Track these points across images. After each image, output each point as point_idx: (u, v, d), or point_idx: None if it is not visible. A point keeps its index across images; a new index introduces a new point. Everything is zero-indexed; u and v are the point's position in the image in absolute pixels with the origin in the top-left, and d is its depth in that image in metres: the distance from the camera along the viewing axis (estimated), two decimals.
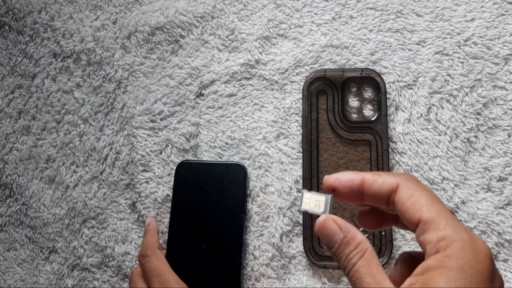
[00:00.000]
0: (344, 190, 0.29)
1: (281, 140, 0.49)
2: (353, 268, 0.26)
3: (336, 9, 0.50)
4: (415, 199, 0.26)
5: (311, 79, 0.48)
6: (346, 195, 0.29)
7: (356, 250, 0.26)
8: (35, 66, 0.54)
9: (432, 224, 0.25)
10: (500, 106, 0.47)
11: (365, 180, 0.28)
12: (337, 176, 0.29)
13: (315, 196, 0.29)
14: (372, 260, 0.26)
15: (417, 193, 0.26)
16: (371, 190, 0.28)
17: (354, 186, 0.28)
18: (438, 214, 0.25)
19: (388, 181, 0.27)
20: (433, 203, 0.26)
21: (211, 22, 0.51)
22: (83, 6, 0.54)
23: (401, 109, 0.48)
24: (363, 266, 0.26)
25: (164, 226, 0.48)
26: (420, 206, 0.26)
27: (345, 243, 0.27)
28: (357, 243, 0.27)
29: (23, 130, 0.53)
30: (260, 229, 0.47)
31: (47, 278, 0.51)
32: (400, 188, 0.27)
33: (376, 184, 0.28)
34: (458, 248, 0.24)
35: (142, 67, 0.52)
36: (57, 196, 0.51)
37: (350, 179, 0.28)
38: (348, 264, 0.27)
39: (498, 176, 0.46)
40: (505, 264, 0.45)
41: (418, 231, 0.26)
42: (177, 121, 0.50)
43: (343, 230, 0.27)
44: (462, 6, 0.49)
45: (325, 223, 0.28)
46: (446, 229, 0.25)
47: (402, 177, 0.28)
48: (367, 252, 0.26)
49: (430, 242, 0.25)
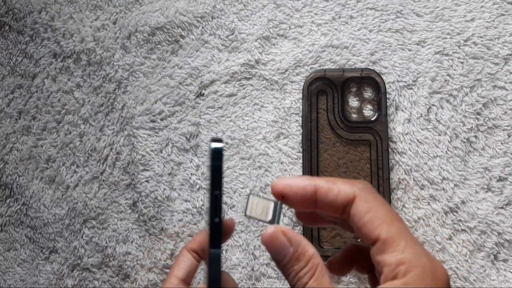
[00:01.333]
0: (295, 198, 0.26)
1: (281, 140, 0.49)
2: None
3: (336, 9, 0.50)
4: (373, 214, 0.25)
5: (311, 79, 0.48)
6: (297, 203, 0.27)
7: (307, 268, 0.25)
8: (35, 66, 0.54)
9: (392, 245, 0.24)
10: (500, 106, 0.47)
11: (318, 188, 0.26)
12: (288, 182, 0.26)
13: (263, 202, 0.27)
14: (323, 278, 0.25)
15: (376, 207, 0.25)
16: (325, 200, 0.26)
17: (306, 194, 0.26)
18: (397, 234, 0.24)
19: (344, 191, 0.25)
20: (393, 220, 0.24)
21: (211, 22, 0.51)
22: (83, 6, 0.54)
23: (401, 109, 0.48)
24: (314, 286, 0.24)
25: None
26: (379, 223, 0.24)
27: (295, 258, 0.25)
28: (307, 258, 0.25)
29: (23, 130, 0.53)
30: (260, 229, 0.47)
31: (47, 278, 0.51)
32: (357, 200, 0.25)
33: (331, 194, 0.26)
34: (418, 276, 0.23)
35: (142, 67, 0.52)
36: (58, 196, 0.51)
37: (302, 186, 0.26)
38: (298, 283, 0.25)
39: (498, 176, 0.46)
40: (505, 264, 0.45)
41: (375, 249, 0.24)
42: (177, 121, 0.50)
43: (293, 244, 0.25)
44: (462, 6, 0.49)
45: (274, 235, 0.25)
46: (406, 252, 0.23)
47: (359, 186, 0.26)
48: (318, 270, 0.25)
49: (389, 265, 0.24)
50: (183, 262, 0.34)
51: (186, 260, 0.35)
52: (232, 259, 0.47)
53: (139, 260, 0.49)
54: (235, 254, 0.48)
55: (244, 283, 0.47)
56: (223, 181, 0.26)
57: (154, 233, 0.49)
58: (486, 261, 0.45)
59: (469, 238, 0.45)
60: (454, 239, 0.45)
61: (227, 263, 0.47)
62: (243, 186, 0.48)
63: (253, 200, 0.27)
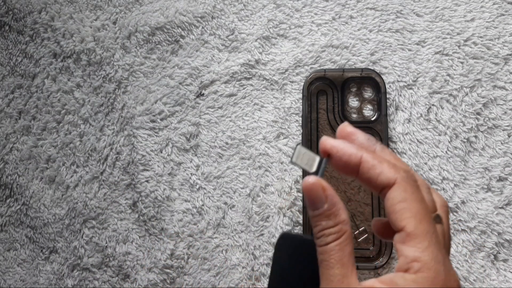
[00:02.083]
0: (339, 161, 0.27)
1: (281, 140, 0.49)
2: (325, 247, 0.25)
3: (336, 9, 0.50)
4: (406, 205, 0.25)
5: (311, 79, 0.48)
6: (339, 167, 0.27)
7: (334, 229, 0.25)
8: (35, 66, 0.54)
9: (414, 240, 0.24)
10: (500, 106, 0.47)
11: (363, 161, 0.26)
12: (336, 144, 0.27)
13: (309, 154, 0.28)
14: (346, 247, 0.25)
15: (411, 201, 0.25)
16: (366, 175, 0.26)
17: (350, 162, 0.26)
18: (423, 234, 0.24)
19: (386, 174, 0.26)
20: (423, 220, 0.25)
21: (211, 22, 0.51)
22: (83, 6, 0.54)
23: (401, 109, 0.48)
24: (335, 250, 0.25)
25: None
26: (409, 216, 0.25)
27: (326, 215, 0.26)
28: (338, 221, 0.25)
29: (23, 130, 0.53)
30: (260, 229, 0.47)
31: (47, 278, 0.51)
32: (395, 187, 0.25)
33: (373, 172, 0.26)
34: (429, 279, 0.23)
35: (142, 67, 0.52)
36: (58, 196, 0.51)
37: (348, 153, 0.26)
38: (321, 239, 0.25)
39: (498, 176, 0.46)
40: (505, 264, 0.45)
41: (399, 237, 0.25)
42: (177, 121, 0.50)
43: (328, 202, 0.26)
44: (462, 6, 0.49)
45: (314, 186, 0.26)
46: (425, 252, 0.24)
47: (402, 175, 0.26)
48: (344, 236, 0.25)
49: (405, 256, 0.24)
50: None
51: None
52: (232, 259, 0.47)
53: (139, 260, 0.49)
54: (235, 254, 0.48)
55: (244, 283, 0.47)
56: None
57: (154, 233, 0.49)
58: (486, 261, 0.45)
59: (469, 238, 0.45)
60: (454, 239, 0.45)
61: (227, 263, 0.47)
62: (243, 186, 0.48)
63: (300, 150, 0.28)
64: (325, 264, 0.25)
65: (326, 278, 0.25)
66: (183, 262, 0.48)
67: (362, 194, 0.47)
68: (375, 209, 0.46)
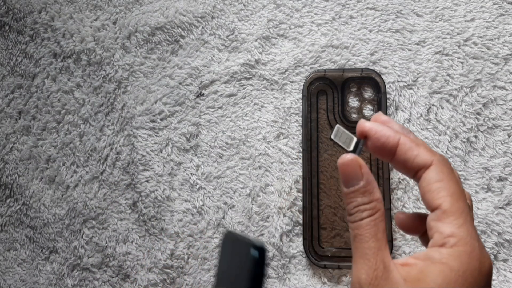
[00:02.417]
0: (376, 143, 0.27)
1: (281, 140, 0.49)
2: (360, 222, 0.25)
3: (336, 9, 0.50)
4: (443, 185, 0.25)
5: (311, 79, 0.48)
6: (377, 148, 0.27)
7: (369, 206, 0.26)
8: (35, 66, 0.54)
9: (450, 217, 0.24)
10: (500, 106, 0.47)
11: (401, 143, 0.27)
12: (375, 126, 0.27)
13: (347, 134, 0.28)
14: (380, 223, 0.25)
15: (448, 181, 0.25)
16: (403, 156, 0.26)
17: (387, 144, 0.27)
18: (460, 211, 0.25)
19: (423, 156, 0.26)
20: (459, 199, 0.25)
21: (211, 22, 0.51)
22: (83, 6, 0.54)
23: (401, 109, 0.48)
24: (370, 225, 0.25)
25: None
26: (445, 195, 0.25)
27: (361, 191, 0.26)
28: (372, 198, 0.26)
29: (23, 130, 0.53)
30: (260, 229, 0.47)
31: (47, 278, 0.51)
32: (432, 167, 0.26)
33: (411, 153, 0.26)
34: (465, 253, 0.23)
35: (142, 67, 0.52)
36: (58, 196, 0.51)
37: (386, 135, 0.27)
38: (355, 214, 0.26)
39: (498, 176, 0.46)
40: (505, 264, 0.45)
41: (433, 215, 0.25)
42: (177, 121, 0.50)
43: (364, 179, 0.26)
44: (462, 6, 0.49)
45: (351, 162, 0.26)
46: (461, 228, 0.24)
47: (438, 157, 0.26)
48: (378, 213, 0.25)
49: (440, 232, 0.24)
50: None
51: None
52: None
53: (139, 260, 0.49)
54: None
55: None
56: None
57: (154, 233, 0.49)
58: None
59: None
60: None
61: None
62: (243, 186, 0.48)
63: (339, 129, 0.28)
64: (359, 238, 0.25)
65: (361, 251, 0.25)
66: (183, 262, 0.48)
67: None
68: None
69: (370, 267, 0.24)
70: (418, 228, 0.29)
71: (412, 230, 0.29)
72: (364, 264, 0.24)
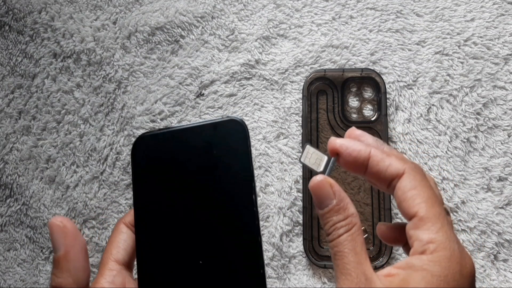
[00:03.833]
0: (348, 158, 0.27)
1: (281, 140, 0.49)
2: (338, 239, 0.26)
3: (336, 9, 0.50)
4: (417, 192, 0.26)
5: (311, 79, 0.48)
6: (348, 164, 0.28)
7: (345, 222, 0.26)
8: (35, 66, 0.54)
9: (427, 224, 0.25)
10: (500, 106, 0.47)
11: (372, 155, 0.27)
12: (345, 142, 0.28)
13: (317, 154, 0.28)
14: (358, 237, 0.26)
15: (421, 188, 0.26)
16: (375, 168, 0.27)
17: (359, 158, 0.27)
18: (436, 216, 0.25)
19: (395, 166, 0.26)
20: (434, 204, 0.25)
21: (211, 22, 0.51)
22: (83, 6, 0.54)
23: (401, 109, 0.48)
24: (347, 240, 0.25)
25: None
26: (420, 202, 0.25)
27: (335, 210, 0.26)
28: (347, 214, 0.26)
29: (23, 130, 0.53)
30: (260, 229, 0.47)
31: (47, 278, 0.51)
32: (405, 176, 0.26)
33: (383, 164, 0.27)
34: (445, 257, 0.24)
35: (142, 67, 0.52)
36: (57, 196, 0.51)
37: (357, 149, 0.27)
38: (333, 233, 0.26)
39: (498, 176, 0.46)
40: (505, 264, 0.45)
41: (411, 224, 0.25)
42: (178, 121, 0.50)
43: (336, 197, 0.26)
44: (462, 6, 0.49)
45: (321, 184, 0.27)
46: (439, 233, 0.24)
47: (410, 165, 0.27)
48: (354, 228, 0.26)
49: (420, 240, 0.25)
50: (122, 242, 0.29)
51: (125, 238, 0.29)
52: None
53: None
54: None
55: None
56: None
57: None
58: (486, 261, 0.45)
59: (469, 238, 0.45)
60: None
61: None
62: None
63: (309, 150, 0.29)
64: (339, 255, 0.25)
65: (342, 267, 0.25)
66: None
67: (362, 194, 0.47)
68: (375, 209, 0.46)
69: (351, 281, 0.24)
70: (398, 239, 0.29)
71: (394, 240, 0.30)
72: (345, 280, 0.25)
